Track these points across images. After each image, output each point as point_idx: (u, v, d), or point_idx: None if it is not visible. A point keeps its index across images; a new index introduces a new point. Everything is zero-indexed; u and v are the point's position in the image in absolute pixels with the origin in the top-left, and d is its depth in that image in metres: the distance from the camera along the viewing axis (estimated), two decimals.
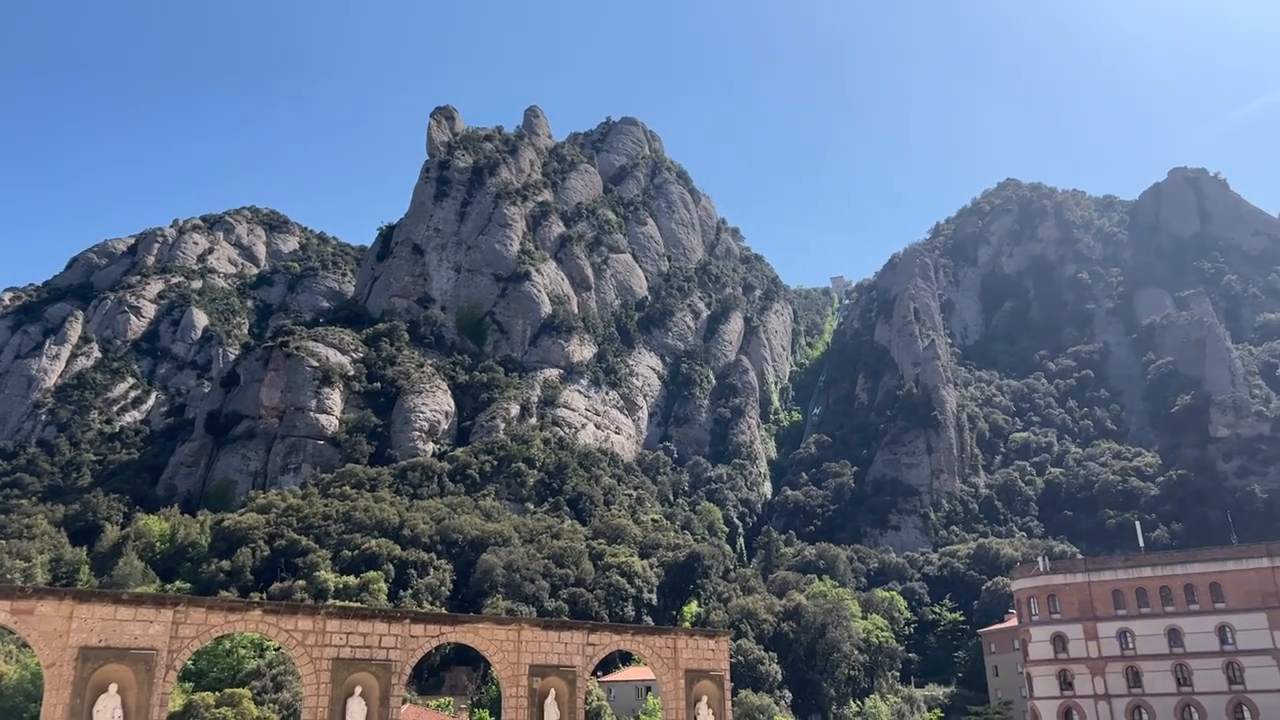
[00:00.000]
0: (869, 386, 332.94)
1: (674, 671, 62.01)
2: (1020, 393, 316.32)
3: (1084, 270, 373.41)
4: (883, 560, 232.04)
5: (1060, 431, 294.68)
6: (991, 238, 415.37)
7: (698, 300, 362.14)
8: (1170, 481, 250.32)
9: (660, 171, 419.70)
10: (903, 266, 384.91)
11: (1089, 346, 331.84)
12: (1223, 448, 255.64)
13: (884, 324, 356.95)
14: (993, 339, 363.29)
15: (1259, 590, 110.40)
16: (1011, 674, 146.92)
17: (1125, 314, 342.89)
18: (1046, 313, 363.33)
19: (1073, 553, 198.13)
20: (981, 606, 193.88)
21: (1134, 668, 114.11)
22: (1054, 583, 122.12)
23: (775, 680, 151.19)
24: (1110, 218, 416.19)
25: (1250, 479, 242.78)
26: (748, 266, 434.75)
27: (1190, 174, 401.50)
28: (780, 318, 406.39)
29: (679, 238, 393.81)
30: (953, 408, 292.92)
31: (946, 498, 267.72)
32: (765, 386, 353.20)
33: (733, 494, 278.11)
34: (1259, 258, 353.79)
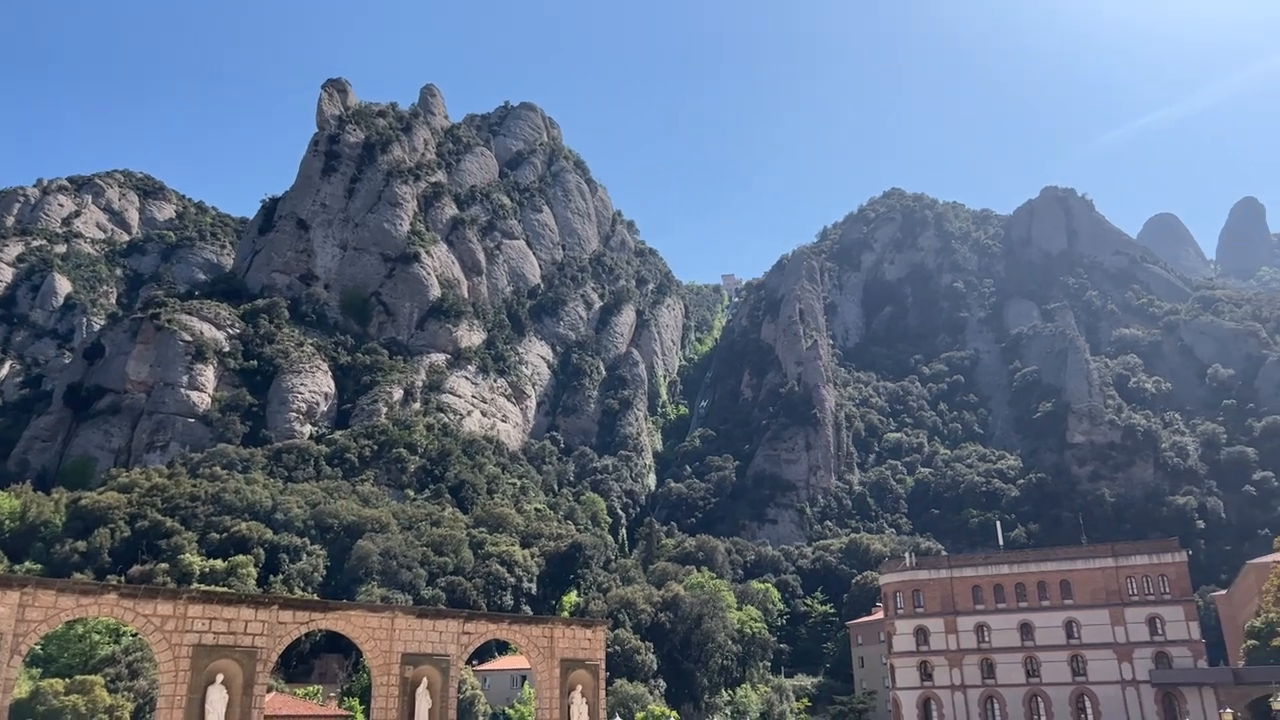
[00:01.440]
0: (754, 383, 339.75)
1: (550, 661, 62.16)
2: (896, 394, 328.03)
3: (960, 280, 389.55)
4: (760, 553, 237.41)
5: (931, 433, 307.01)
6: (875, 244, 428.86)
7: (591, 291, 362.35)
8: (1030, 484, 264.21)
9: (558, 159, 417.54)
10: (790, 268, 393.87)
11: (961, 353, 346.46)
12: (1078, 453, 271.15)
13: (770, 323, 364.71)
14: (872, 342, 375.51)
15: (1104, 588, 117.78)
16: (876, 665, 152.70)
17: (995, 323, 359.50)
18: (923, 319, 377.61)
19: (938, 550, 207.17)
20: (851, 599, 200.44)
21: (989, 660, 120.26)
22: (919, 578, 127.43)
23: (651, 670, 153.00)
24: (986, 231, 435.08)
25: (1101, 484, 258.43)
26: (642, 260, 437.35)
27: (1060, 193, 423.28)
28: (672, 312, 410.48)
29: (574, 227, 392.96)
30: (832, 407, 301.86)
31: (822, 493, 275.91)
32: (654, 380, 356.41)
33: (618, 485, 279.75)
34: (1118, 276, 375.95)
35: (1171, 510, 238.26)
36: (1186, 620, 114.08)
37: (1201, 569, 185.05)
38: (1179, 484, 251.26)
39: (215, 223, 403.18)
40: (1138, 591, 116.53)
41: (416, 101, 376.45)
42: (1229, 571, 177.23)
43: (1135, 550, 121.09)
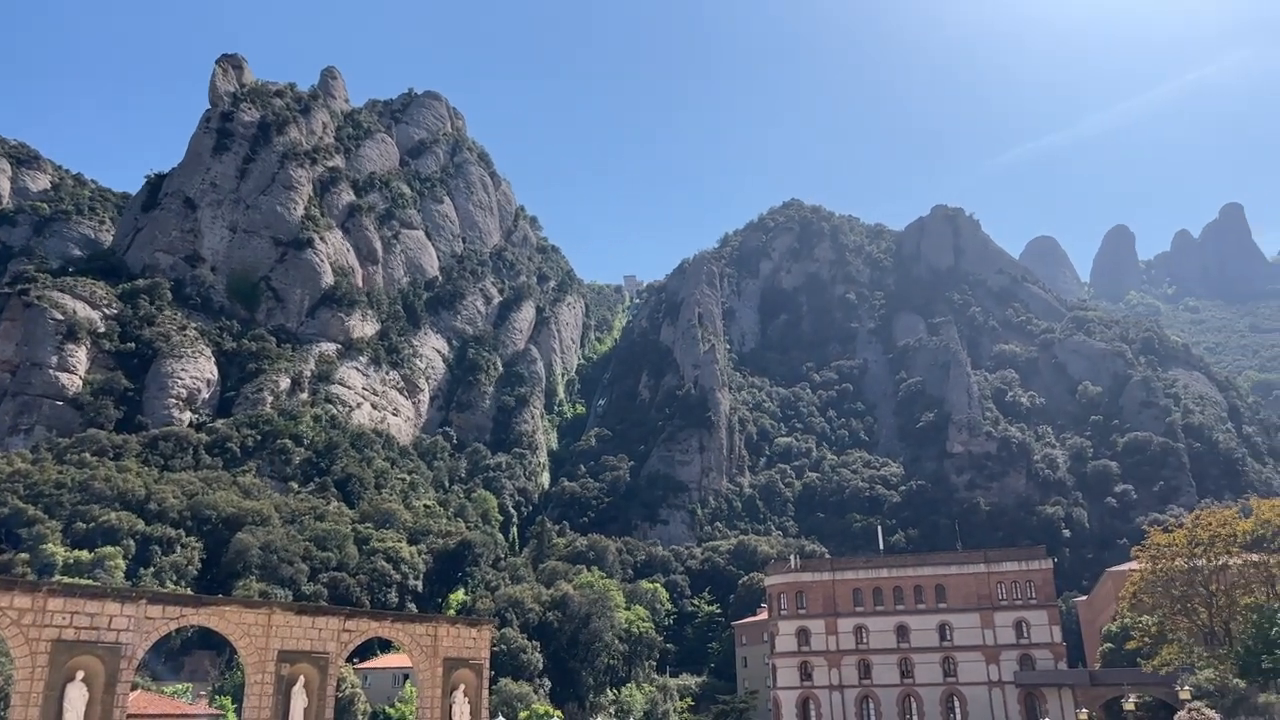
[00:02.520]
0: (651, 384, 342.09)
1: (433, 660, 61.26)
2: (787, 400, 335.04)
3: (852, 291, 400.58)
4: (650, 553, 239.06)
5: (820, 439, 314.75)
6: (774, 253, 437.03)
7: (490, 285, 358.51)
8: (911, 490, 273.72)
9: (461, 150, 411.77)
10: (691, 272, 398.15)
11: (851, 362, 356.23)
12: (956, 462, 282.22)
13: (670, 326, 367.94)
14: (767, 348, 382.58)
15: (975, 592, 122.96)
16: (759, 665, 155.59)
17: (884, 335, 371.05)
18: (816, 328, 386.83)
19: (822, 552, 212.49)
20: (738, 600, 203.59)
21: (866, 660, 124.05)
22: (803, 580, 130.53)
23: (536, 669, 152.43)
24: (879, 245, 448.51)
25: (977, 492, 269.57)
26: (544, 256, 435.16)
27: (950, 212, 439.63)
28: (572, 310, 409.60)
29: (476, 220, 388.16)
30: (726, 410, 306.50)
31: (714, 495, 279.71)
32: (552, 378, 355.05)
33: (510, 483, 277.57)
34: (1000, 294, 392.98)
35: (1041, 519, 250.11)
36: (1050, 624, 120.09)
37: (1066, 575, 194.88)
38: (1048, 494, 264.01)
39: (95, 197, 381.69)
40: (1006, 596, 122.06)
41: (316, 83, 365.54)
42: (1090, 578, 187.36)
43: (1006, 557, 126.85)
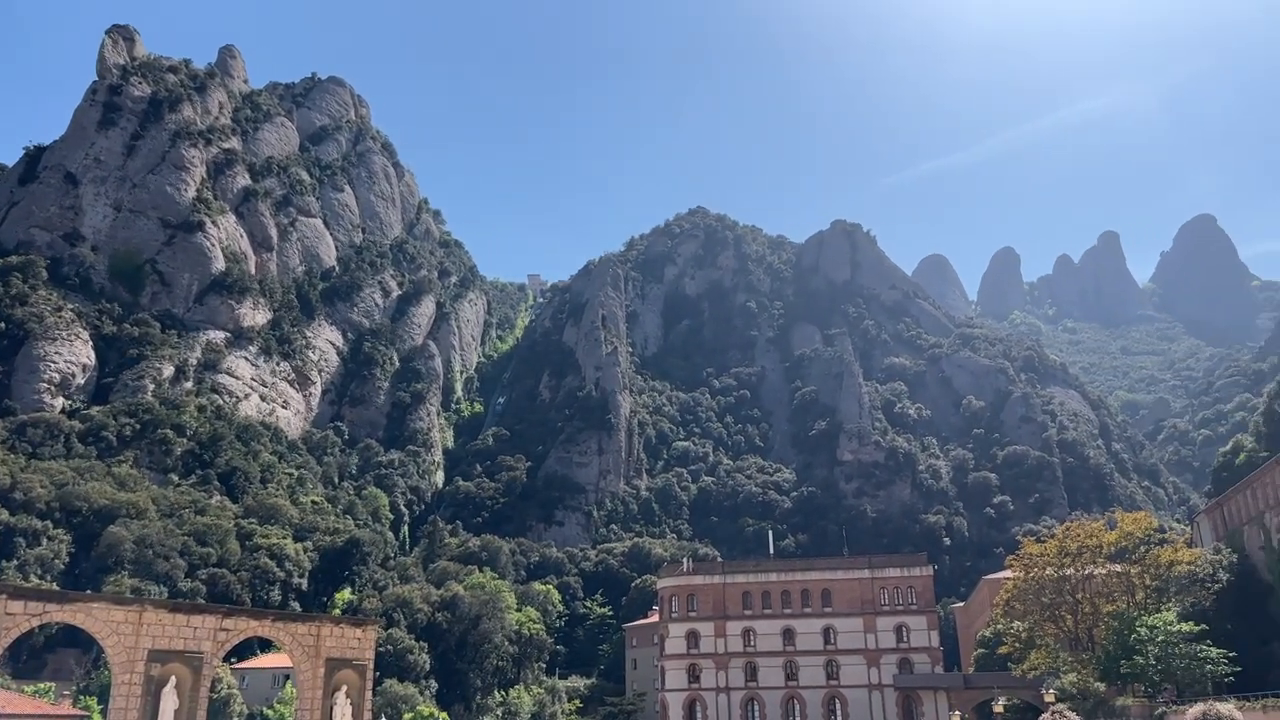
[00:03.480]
0: (552, 385, 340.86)
1: (315, 660, 59.73)
2: (687, 405, 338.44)
3: (753, 300, 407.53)
4: (544, 554, 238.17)
5: (717, 444, 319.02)
6: (678, 259, 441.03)
7: (390, 278, 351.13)
8: (802, 496, 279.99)
9: (364, 139, 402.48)
10: (596, 274, 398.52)
11: (749, 369, 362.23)
12: (846, 470, 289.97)
13: (573, 326, 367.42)
14: (669, 353, 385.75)
15: (859, 597, 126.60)
16: (649, 667, 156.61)
17: (782, 344, 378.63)
18: (717, 334, 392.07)
19: (715, 556, 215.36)
20: (630, 602, 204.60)
21: (753, 663, 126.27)
22: (694, 583, 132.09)
23: (423, 670, 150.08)
24: (780, 256, 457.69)
25: (864, 499, 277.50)
26: (446, 251, 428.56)
27: (848, 227, 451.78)
28: (474, 307, 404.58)
29: (377, 211, 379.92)
30: (626, 413, 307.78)
31: (610, 497, 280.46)
32: (450, 375, 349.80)
33: (403, 480, 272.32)
34: (892, 308, 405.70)
35: (923, 527, 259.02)
36: (929, 629, 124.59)
37: (945, 582, 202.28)
38: (932, 503, 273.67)
39: None
40: (889, 601, 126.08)
41: (214, 61, 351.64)
42: (968, 585, 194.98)
43: (889, 563, 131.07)
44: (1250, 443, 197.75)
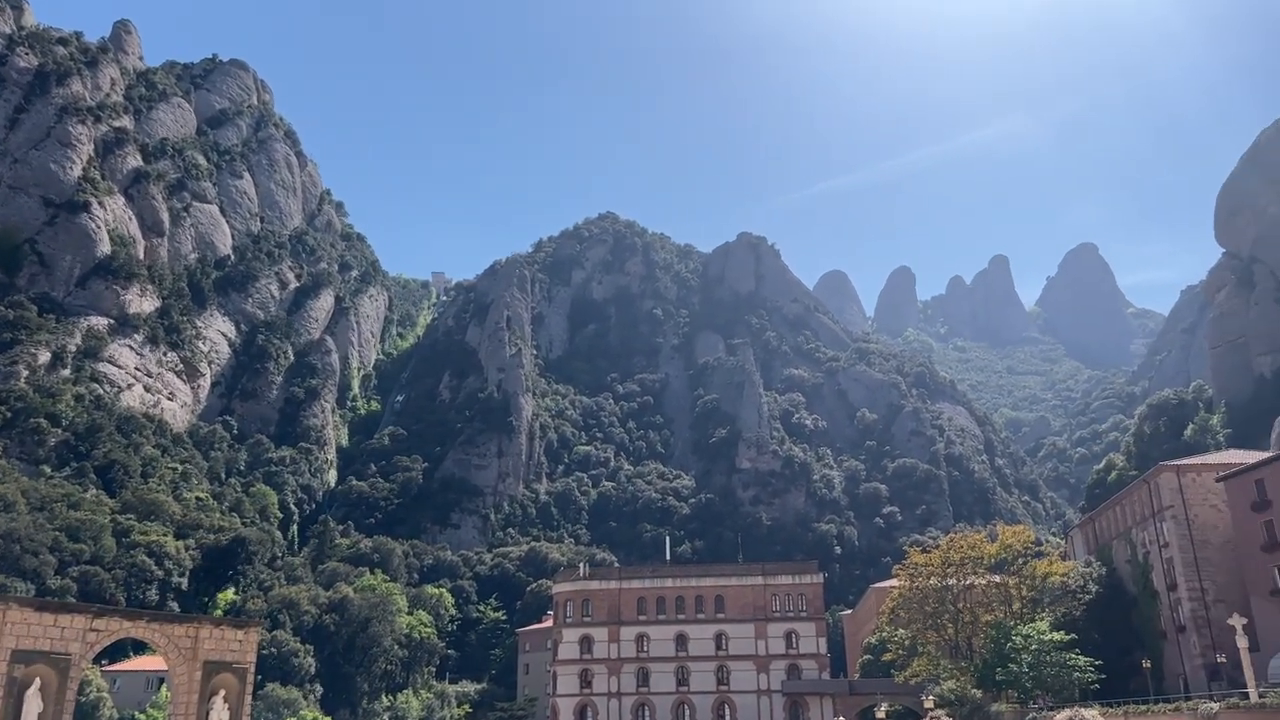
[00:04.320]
0: (453, 385, 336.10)
1: (191, 663, 57.45)
2: (590, 409, 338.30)
3: (659, 308, 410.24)
4: (438, 557, 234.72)
5: (618, 449, 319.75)
6: (586, 263, 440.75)
7: (288, 270, 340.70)
8: (700, 503, 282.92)
9: (266, 125, 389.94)
10: (503, 274, 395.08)
11: (653, 376, 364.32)
12: (743, 478, 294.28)
13: (477, 327, 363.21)
14: (574, 356, 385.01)
15: (752, 604, 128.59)
16: (541, 672, 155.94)
17: (686, 352, 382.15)
18: (623, 340, 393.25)
19: (612, 561, 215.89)
20: (525, 607, 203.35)
21: (645, 668, 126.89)
22: (590, 588, 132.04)
23: (308, 674, 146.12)
24: (687, 265, 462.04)
25: (760, 507, 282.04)
26: (348, 244, 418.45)
27: (754, 240, 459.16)
28: (375, 303, 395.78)
29: (277, 200, 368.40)
30: (528, 416, 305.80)
31: (509, 500, 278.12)
32: (347, 371, 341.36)
33: (294, 479, 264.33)
34: (794, 321, 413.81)
35: (816, 535, 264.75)
36: (817, 636, 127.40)
37: (835, 590, 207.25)
38: (824, 512, 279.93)
39: None
40: (780, 608, 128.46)
41: (107, 36, 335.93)
42: (856, 593, 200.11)
43: (782, 570, 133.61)
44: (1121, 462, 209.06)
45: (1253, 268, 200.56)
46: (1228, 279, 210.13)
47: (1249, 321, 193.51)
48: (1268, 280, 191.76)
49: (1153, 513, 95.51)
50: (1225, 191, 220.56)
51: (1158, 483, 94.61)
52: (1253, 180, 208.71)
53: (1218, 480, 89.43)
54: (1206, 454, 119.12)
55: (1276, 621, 79.37)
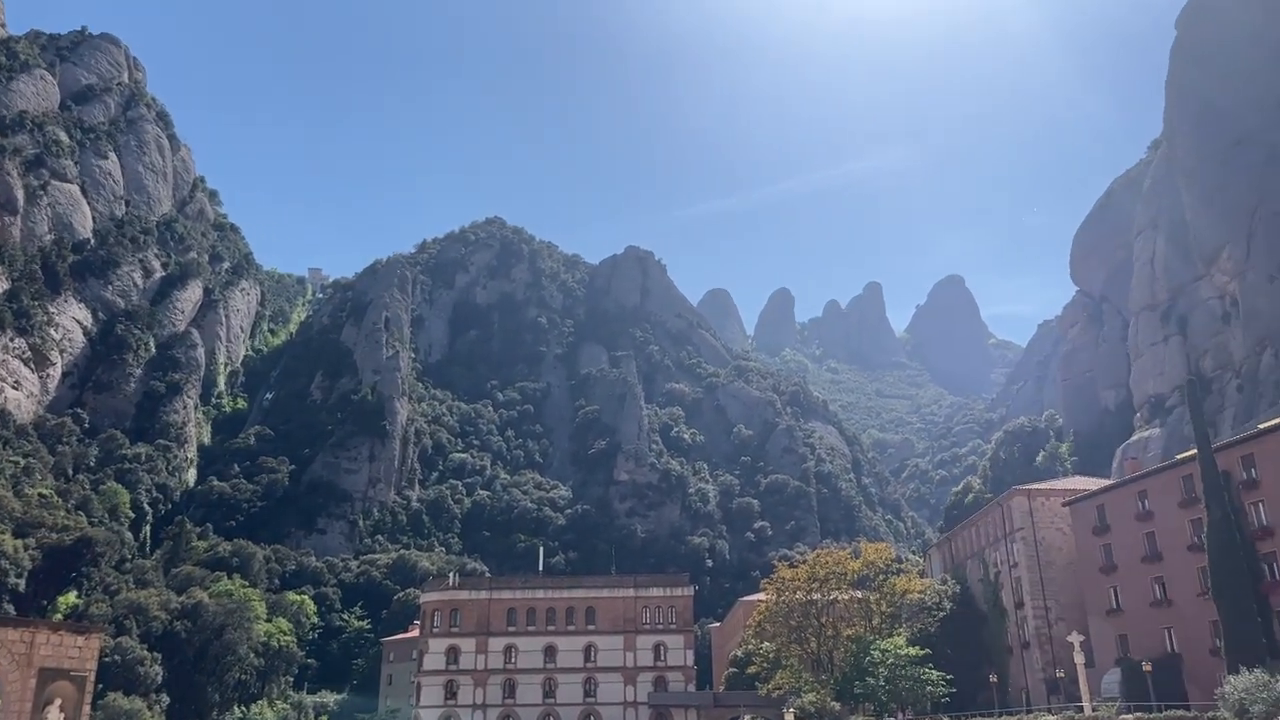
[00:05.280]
0: (325, 386, 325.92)
1: (25, 669, 53.79)
2: (468, 416, 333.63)
3: (544, 316, 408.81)
4: (302, 563, 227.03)
5: (495, 457, 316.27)
6: (471, 267, 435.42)
7: (153, 258, 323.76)
8: (576, 514, 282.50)
9: (137, 105, 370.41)
10: (383, 274, 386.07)
11: (535, 384, 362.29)
12: (620, 490, 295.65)
13: (354, 326, 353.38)
14: (453, 361, 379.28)
15: (622, 616, 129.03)
16: (405, 683, 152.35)
17: (569, 362, 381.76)
18: (505, 347, 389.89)
19: (483, 571, 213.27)
20: (391, 616, 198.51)
21: (512, 680, 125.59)
22: (459, 598, 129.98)
23: (155, 683, 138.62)
24: (574, 275, 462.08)
25: (635, 519, 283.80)
26: (220, 235, 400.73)
27: (641, 254, 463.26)
28: (246, 297, 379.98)
29: (145, 184, 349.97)
30: (403, 420, 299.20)
31: (379, 506, 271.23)
32: (214, 367, 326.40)
33: (150, 477, 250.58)
34: (677, 336, 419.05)
35: (689, 548, 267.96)
36: (685, 648, 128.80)
37: (705, 603, 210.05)
38: (698, 525, 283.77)
39: None
40: (650, 621, 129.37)
41: None
42: (725, 606, 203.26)
43: (654, 583, 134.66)
44: (978, 484, 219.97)
45: (1102, 307, 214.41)
46: (1080, 316, 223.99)
47: (1097, 357, 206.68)
48: (1115, 320, 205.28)
49: (1004, 534, 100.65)
50: (1080, 235, 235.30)
51: (1010, 506, 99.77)
52: (1105, 226, 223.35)
53: (1064, 505, 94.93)
54: (1055, 480, 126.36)
55: (1111, 639, 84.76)
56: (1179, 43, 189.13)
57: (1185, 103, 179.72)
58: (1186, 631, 76.46)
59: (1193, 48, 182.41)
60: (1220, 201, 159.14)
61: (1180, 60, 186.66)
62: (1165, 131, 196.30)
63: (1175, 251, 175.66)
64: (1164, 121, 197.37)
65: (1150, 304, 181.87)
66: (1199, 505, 72.10)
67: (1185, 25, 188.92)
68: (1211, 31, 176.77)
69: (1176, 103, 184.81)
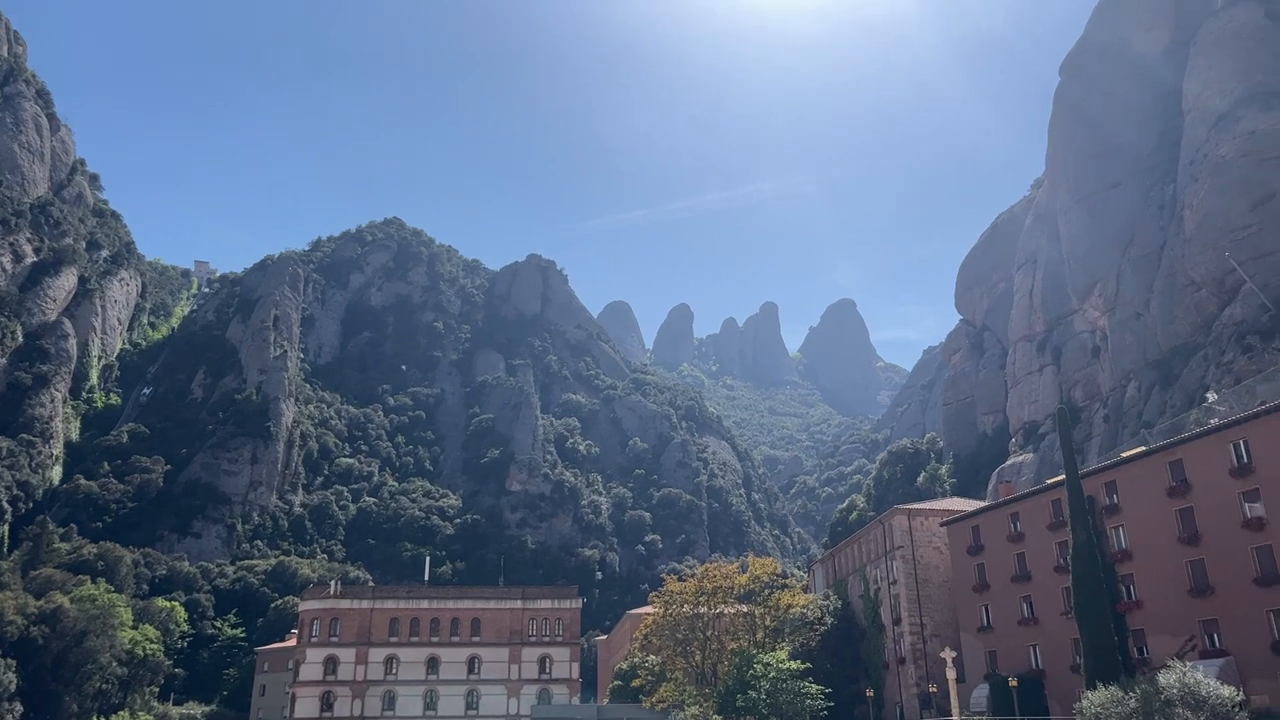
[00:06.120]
0: (207, 384, 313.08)
1: None
2: (357, 420, 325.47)
3: (441, 320, 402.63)
4: (174, 568, 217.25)
5: (384, 463, 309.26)
6: (367, 268, 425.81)
7: (25, 242, 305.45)
8: (465, 524, 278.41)
9: (15, 81, 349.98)
10: (274, 270, 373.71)
11: (429, 390, 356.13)
12: (512, 500, 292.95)
13: (240, 323, 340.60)
14: (345, 363, 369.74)
15: (509, 628, 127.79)
16: (279, 694, 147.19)
17: (465, 368, 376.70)
18: (400, 351, 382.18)
19: (367, 579, 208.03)
20: (268, 625, 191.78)
21: (392, 692, 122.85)
22: (340, 607, 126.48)
23: (9, 691, 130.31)
24: (474, 280, 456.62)
25: (527, 530, 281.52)
26: (100, 221, 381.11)
27: (543, 263, 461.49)
28: (125, 288, 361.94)
29: (20, 163, 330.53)
30: (289, 422, 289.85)
31: (259, 511, 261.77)
32: (86, 359, 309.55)
33: (10, 473, 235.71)
34: (576, 347, 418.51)
35: (579, 560, 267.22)
36: (571, 661, 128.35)
37: (593, 615, 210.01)
38: (590, 537, 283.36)
39: None
40: (536, 633, 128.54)
41: None
42: (613, 619, 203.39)
43: (542, 595, 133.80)
44: (862, 503, 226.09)
45: (984, 336, 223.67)
46: (962, 344, 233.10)
47: (977, 384, 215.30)
48: (995, 348, 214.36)
49: (885, 552, 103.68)
50: (965, 265, 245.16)
51: (891, 524, 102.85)
52: (989, 259, 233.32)
53: (941, 525, 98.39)
54: (935, 500, 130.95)
55: (981, 656, 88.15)
56: (1062, 88, 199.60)
57: (1066, 145, 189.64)
58: (1050, 649, 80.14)
59: (1074, 94, 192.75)
60: (1095, 241, 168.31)
61: (1062, 105, 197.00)
62: (1047, 171, 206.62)
63: (1052, 286, 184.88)
64: (1046, 161, 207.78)
65: (1028, 335, 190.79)
66: (1065, 528, 75.68)
67: (1068, 72, 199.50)
68: (1091, 80, 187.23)
69: (1058, 145, 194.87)
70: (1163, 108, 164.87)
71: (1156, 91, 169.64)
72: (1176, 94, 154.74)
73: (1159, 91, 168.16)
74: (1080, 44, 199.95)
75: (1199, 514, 67.98)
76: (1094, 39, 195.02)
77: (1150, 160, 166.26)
